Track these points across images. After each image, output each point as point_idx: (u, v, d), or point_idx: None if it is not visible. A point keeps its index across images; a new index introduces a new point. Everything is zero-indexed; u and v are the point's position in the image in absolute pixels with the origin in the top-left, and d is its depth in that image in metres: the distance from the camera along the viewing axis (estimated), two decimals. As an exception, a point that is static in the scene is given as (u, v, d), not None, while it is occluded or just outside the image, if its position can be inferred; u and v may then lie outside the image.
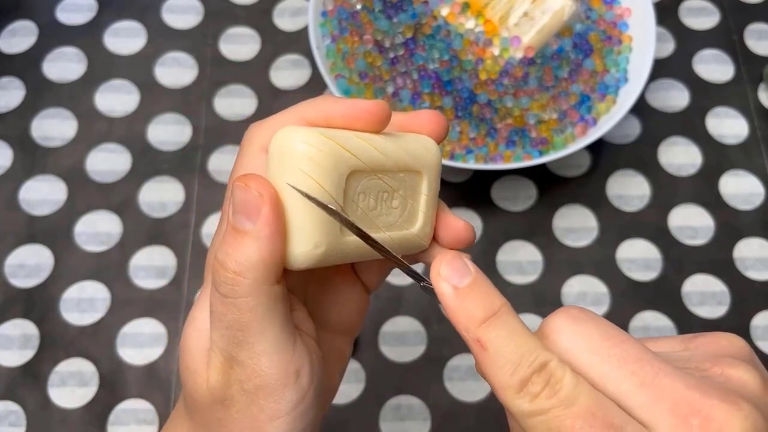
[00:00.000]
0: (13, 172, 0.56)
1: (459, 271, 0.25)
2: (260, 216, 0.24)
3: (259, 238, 0.24)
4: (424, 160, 0.29)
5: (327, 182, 0.25)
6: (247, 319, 0.25)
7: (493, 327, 0.24)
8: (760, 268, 0.54)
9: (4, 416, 0.49)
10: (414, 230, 0.29)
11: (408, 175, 0.28)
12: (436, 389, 0.50)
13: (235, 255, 0.24)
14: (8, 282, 0.52)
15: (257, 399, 0.25)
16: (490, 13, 0.57)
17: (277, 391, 0.25)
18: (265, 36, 0.62)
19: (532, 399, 0.22)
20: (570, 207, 0.56)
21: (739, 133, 0.59)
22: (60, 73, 0.60)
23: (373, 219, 0.27)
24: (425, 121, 0.29)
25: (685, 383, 0.21)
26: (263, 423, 0.25)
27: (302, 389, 0.26)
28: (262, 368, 0.25)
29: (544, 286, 0.53)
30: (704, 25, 0.63)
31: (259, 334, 0.25)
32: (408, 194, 0.28)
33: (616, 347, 0.22)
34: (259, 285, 0.25)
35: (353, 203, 0.26)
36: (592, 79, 0.56)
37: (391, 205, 0.28)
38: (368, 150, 0.26)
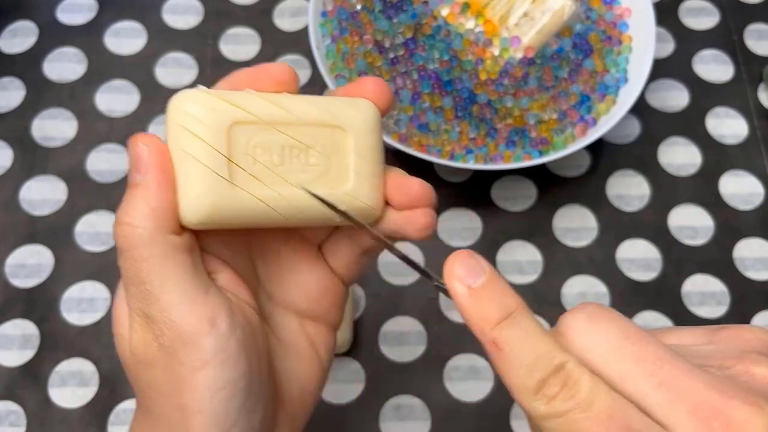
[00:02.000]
0: (13, 172, 0.56)
1: (473, 270, 0.24)
2: (145, 166, 0.25)
3: (147, 188, 0.25)
4: (348, 117, 0.28)
5: (205, 134, 0.26)
6: (146, 270, 0.25)
7: (508, 327, 0.23)
8: (760, 268, 0.54)
9: (4, 416, 0.49)
10: (344, 189, 0.28)
11: (324, 131, 0.28)
12: (436, 389, 0.50)
13: (126, 207, 0.25)
14: (8, 282, 0.52)
15: (176, 353, 0.25)
16: (490, 13, 0.57)
17: (193, 340, 0.25)
18: (265, 36, 0.62)
19: (548, 401, 0.22)
20: (570, 207, 0.56)
21: (739, 133, 0.59)
22: (60, 73, 0.60)
23: (282, 175, 0.27)
24: (366, 87, 0.29)
25: (706, 384, 0.20)
26: (186, 375, 0.25)
27: (221, 336, 0.25)
28: (172, 319, 0.25)
29: (544, 286, 0.53)
30: (704, 25, 0.63)
31: (161, 284, 0.25)
32: (330, 152, 0.28)
33: (634, 346, 0.22)
34: (152, 234, 0.25)
35: (248, 157, 0.26)
36: (592, 79, 0.56)
37: (306, 161, 0.27)
38: (261, 103, 0.27)
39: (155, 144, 0.26)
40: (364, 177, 0.28)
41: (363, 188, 0.28)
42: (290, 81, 0.28)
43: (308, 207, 0.27)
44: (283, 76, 0.28)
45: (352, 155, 0.28)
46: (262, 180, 0.26)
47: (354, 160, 0.28)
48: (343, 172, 0.28)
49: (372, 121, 0.29)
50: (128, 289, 0.26)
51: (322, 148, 0.27)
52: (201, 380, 0.25)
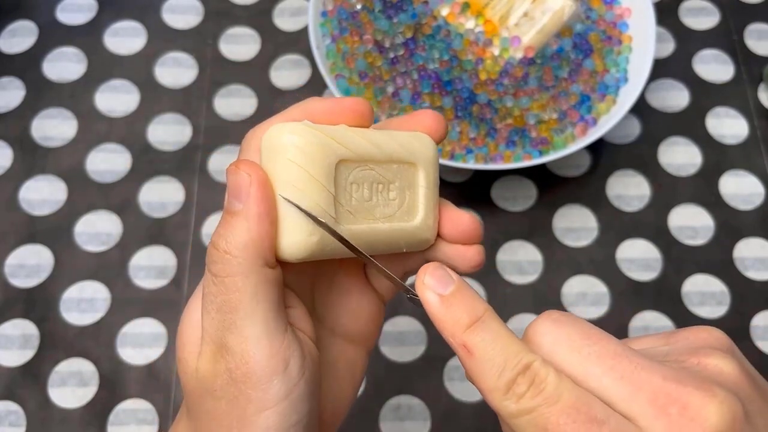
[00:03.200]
0: (13, 172, 0.56)
1: (442, 279, 0.26)
2: (249, 196, 0.25)
3: (248, 218, 0.25)
4: (419, 153, 0.29)
5: (315, 170, 0.26)
6: (236, 300, 0.25)
7: (478, 332, 0.24)
8: (760, 268, 0.54)
9: (4, 416, 0.49)
10: (415, 222, 0.29)
11: (402, 167, 0.29)
12: (436, 389, 0.50)
13: (225, 234, 0.25)
14: (8, 282, 0.52)
15: (245, 388, 0.25)
16: (490, 13, 0.57)
17: (265, 379, 0.25)
18: (265, 36, 0.62)
19: (518, 399, 0.23)
20: (570, 207, 0.56)
21: (739, 133, 0.59)
22: (60, 73, 0.60)
23: (369, 209, 0.28)
24: (423, 120, 0.30)
25: (662, 375, 0.22)
26: (251, 414, 0.25)
27: (291, 380, 0.25)
28: (249, 354, 0.25)
29: (544, 286, 0.53)
30: (704, 25, 0.63)
31: (247, 316, 0.25)
32: (405, 186, 0.29)
33: (595, 345, 0.23)
34: (249, 265, 0.25)
35: (346, 193, 0.27)
36: (592, 79, 0.56)
37: (388, 196, 0.29)
38: (357, 140, 0.27)
39: (258, 174, 0.26)
40: (430, 210, 0.30)
41: (428, 221, 0.30)
42: (369, 116, 0.28)
43: (388, 240, 0.29)
44: (363, 110, 0.28)
45: (421, 189, 0.29)
46: (355, 215, 0.27)
47: (423, 194, 0.29)
48: (414, 206, 0.29)
49: (434, 154, 0.30)
50: (210, 314, 0.26)
51: (400, 183, 0.29)
52: (265, 421, 0.25)
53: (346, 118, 0.28)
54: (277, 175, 0.26)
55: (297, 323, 0.28)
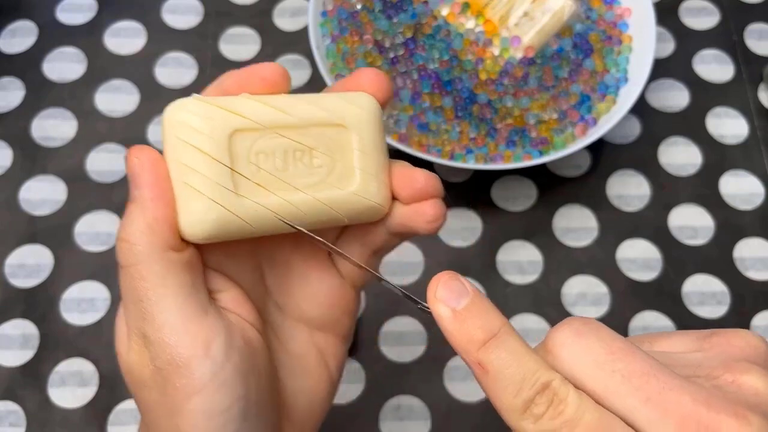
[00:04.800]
0: (13, 172, 0.56)
1: (456, 291, 0.24)
2: (140, 181, 0.25)
3: (143, 203, 0.25)
4: (350, 114, 0.27)
5: (205, 144, 0.25)
6: (143, 288, 0.25)
7: (493, 349, 0.23)
8: (760, 268, 0.54)
9: (4, 416, 0.49)
10: (352, 188, 0.27)
11: (326, 130, 0.27)
12: (436, 389, 0.50)
13: (124, 223, 0.25)
14: (8, 282, 0.52)
15: (170, 376, 0.25)
16: (490, 13, 0.57)
17: (187, 364, 0.25)
18: (265, 36, 0.62)
19: (536, 420, 0.22)
20: (570, 207, 0.56)
21: (739, 133, 0.59)
22: (60, 73, 0.60)
23: (287, 180, 0.26)
24: (363, 79, 0.28)
25: (692, 397, 0.20)
26: (180, 400, 0.25)
27: (216, 363, 0.25)
28: (166, 341, 0.25)
29: (544, 286, 0.53)
30: (704, 25, 0.63)
31: (157, 303, 0.25)
32: (334, 151, 0.27)
33: (620, 361, 0.21)
34: (149, 251, 0.25)
35: (251, 164, 0.25)
36: (592, 79, 0.56)
37: (311, 164, 0.27)
38: (258, 108, 0.26)
39: (148, 156, 0.25)
40: (370, 174, 0.27)
41: (370, 186, 0.27)
42: (282, 81, 0.27)
43: (317, 211, 0.27)
44: (274, 76, 0.27)
45: (356, 152, 0.27)
46: (267, 187, 0.26)
47: (358, 157, 0.27)
48: (349, 171, 0.27)
49: (373, 115, 0.28)
50: (127, 306, 0.26)
51: (326, 148, 0.27)
52: (195, 405, 0.25)
53: (258, 86, 0.27)
54: (168, 153, 0.25)
55: (230, 306, 0.27)
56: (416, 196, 0.28)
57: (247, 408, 0.26)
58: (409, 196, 0.28)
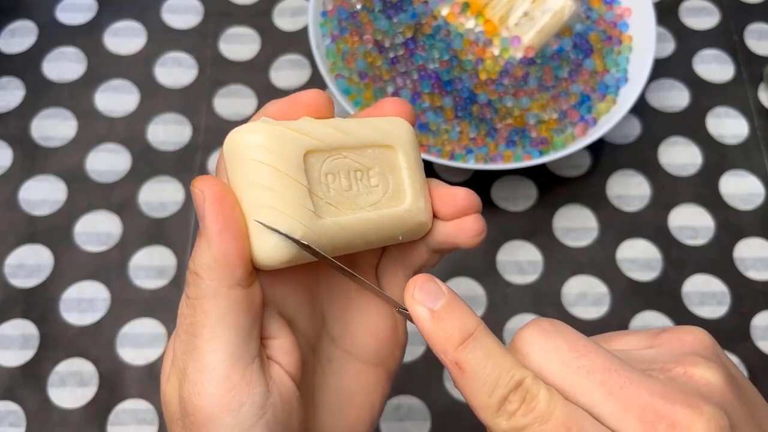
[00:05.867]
0: (13, 172, 0.56)
1: (432, 293, 0.25)
2: (204, 214, 0.24)
3: (209, 237, 0.24)
4: (394, 135, 0.28)
5: (283, 164, 0.25)
6: (201, 323, 0.24)
7: (470, 348, 0.24)
8: (760, 268, 0.54)
9: (4, 416, 0.49)
10: (405, 206, 0.28)
11: (379, 151, 0.28)
12: (436, 389, 0.50)
13: (194, 255, 0.25)
14: (8, 282, 0.52)
15: (196, 422, 0.24)
16: (490, 13, 0.57)
17: (213, 416, 0.24)
18: (265, 36, 0.62)
19: (509, 417, 0.22)
20: (570, 207, 0.56)
21: (739, 133, 0.59)
22: (60, 73, 0.60)
23: (352, 199, 0.27)
24: (389, 107, 0.29)
25: (650, 390, 0.22)
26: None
27: (245, 421, 0.24)
28: (202, 384, 0.24)
29: (544, 286, 0.53)
30: (704, 25, 0.63)
31: (210, 341, 0.24)
32: (386, 171, 0.28)
33: (584, 358, 0.23)
34: (216, 286, 0.24)
35: (322, 185, 0.26)
36: (592, 79, 0.56)
37: (369, 183, 0.28)
38: (322, 129, 0.26)
39: (211, 188, 0.24)
40: (418, 192, 0.29)
41: (419, 203, 0.29)
42: (325, 106, 0.27)
43: (380, 229, 0.27)
44: (317, 102, 0.27)
45: (404, 171, 0.28)
46: (337, 207, 0.26)
47: (407, 176, 0.28)
48: (400, 190, 0.28)
49: (411, 135, 0.29)
50: (179, 336, 0.25)
51: (380, 168, 0.28)
52: None
53: (302, 113, 0.27)
54: (244, 178, 0.25)
55: (276, 356, 0.26)
56: (458, 214, 0.29)
57: None
58: (449, 214, 0.29)
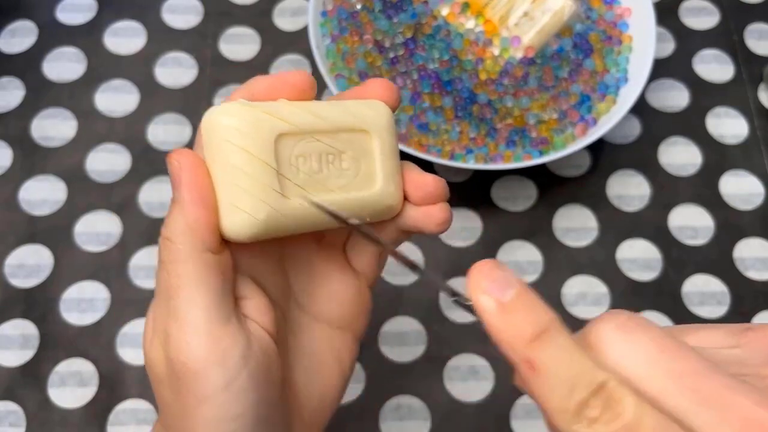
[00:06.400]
0: (13, 172, 0.56)
1: (501, 282, 0.22)
2: (180, 183, 0.26)
3: (183, 204, 0.25)
4: (371, 120, 0.29)
5: (254, 147, 0.26)
6: (177, 285, 0.25)
7: (543, 346, 0.21)
8: (760, 268, 0.54)
9: (4, 416, 0.49)
10: (375, 190, 0.29)
11: (353, 135, 0.29)
12: (436, 389, 0.50)
13: (166, 222, 0.26)
14: (8, 282, 0.52)
15: (184, 379, 0.25)
16: (490, 13, 0.57)
17: (201, 370, 0.25)
18: (265, 36, 0.62)
19: (590, 424, 0.20)
20: (570, 207, 0.56)
21: (739, 133, 0.59)
22: (60, 73, 0.60)
23: (321, 181, 0.28)
24: (374, 89, 0.30)
25: (752, 399, 0.19)
26: (192, 404, 0.25)
27: (230, 371, 0.25)
28: (185, 341, 0.25)
29: (544, 286, 0.53)
30: (704, 25, 0.63)
31: (187, 302, 0.25)
32: (359, 155, 0.29)
33: (674, 361, 0.20)
34: (188, 250, 0.25)
35: (293, 167, 0.27)
36: (592, 79, 0.56)
37: (341, 166, 0.28)
38: (297, 113, 0.27)
39: (187, 159, 0.26)
40: (389, 176, 0.29)
41: (390, 187, 0.29)
42: (309, 88, 0.28)
43: (350, 210, 0.28)
44: (302, 84, 0.28)
45: (377, 156, 0.29)
46: (306, 188, 0.27)
47: (380, 160, 0.29)
48: (371, 174, 0.29)
49: (388, 120, 0.30)
50: (158, 302, 0.26)
51: (353, 151, 0.29)
52: (206, 412, 0.25)
53: (287, 93, 0.28)
54: (217, 157, 0.26)
55: (252, 314, 0.28)
56: (426, 199, 0.30)
57: (258, 416, 0.26)
58: (420, 198, 0.30)
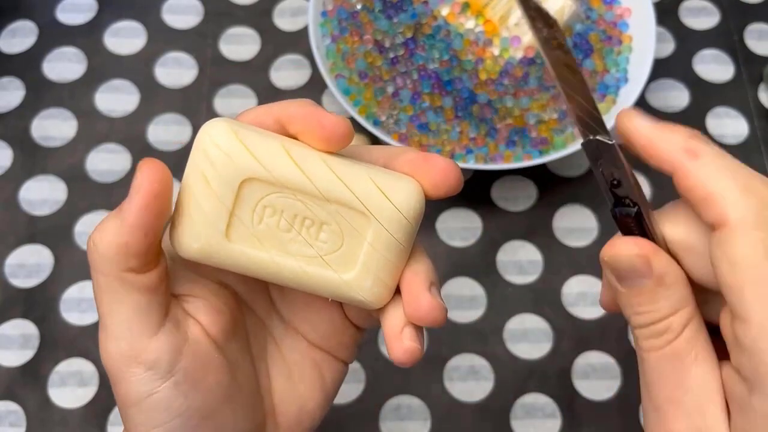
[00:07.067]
0: (13, 172, 0.56)
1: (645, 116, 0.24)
2: (131, 201, 0.24)
3: (123, 219, 0.24)
4: (379, 206, 0.25)
5: (214, 179, 0.24)
6: (98, 294, 0.25)
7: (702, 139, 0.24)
8: (760, 268, 0.54)
9: (4, 416, 0.49)
10: (346, 277, 0.26)
11: (346, 211, 0.25)
12: (436, 389, 0.50)
13: (101, 224, 0.25)
14: (8, 282, 0.52)
15: (113, 381, 0.26)
16: (490, 13, 0.57)
17: (124, 378, 0.25)
18: (265, 36, 0.62)
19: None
20: (570, 207, 0.56)
21: (739, 133, 0.59)
22: (60, 73, 0.60)
23: (282, 241, 0.25)
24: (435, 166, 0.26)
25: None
26: (121, 406, 0.26)
27: (151, 380, 0.25)
28: (108, 351, 0.25)
29: (544, 286, 0.53)
30: (704, 25, 0.63)
31: (109, 313, 0.25)
32: (346, 232, 0.26)
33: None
34: (110, 266, 0.24)
35: (255, 214, 0.25)
36: (592, 79, 0.56)
37: (316, 236, 0.26)
38: (287, 166, 0.25)
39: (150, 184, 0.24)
40: (370, 271, 0.26)
41: (364, 282, 0.26)
42: (340, 139, 0.25)
43: (298, 282, 0.26)
44: (334, 133, 0.25)
45: (365, 245, 0.26)
46: (261, 241, 0.25)
47: (366, 251, 0.26)
48: (351, 259, 0.26)
49: (405, 216, 0.26)
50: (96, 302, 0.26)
51: (338, 227, 0.26)
52: (134, 415, 0.26)
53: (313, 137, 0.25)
54: (187, 167, 0.25)
55: (197, 314, 0.27)
56: (414, 319, 0.26)
57: (190, 422, 0.26)
58: (409, 315, 0.26)
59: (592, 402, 0.50)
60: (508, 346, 0.51)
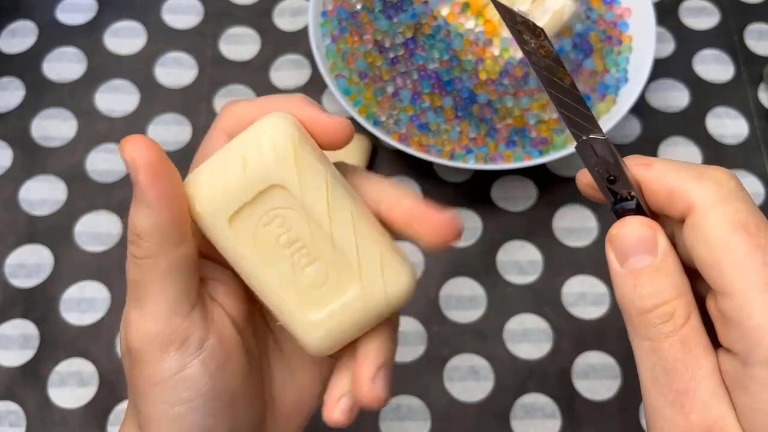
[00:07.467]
0: (13, 172, 0.56)
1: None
2: (137, 183, 0.25)
3: (147, 204, 0.25)
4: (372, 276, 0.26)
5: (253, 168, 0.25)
6: (147, 279, 0.26)
7: None
8: (760, 268, 0.54)
9: (4, 416, 0.49)
10: (309, 319, 0.26)
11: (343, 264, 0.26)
12: (436, 389, 0.50)
13: (135, 217, 0.25)
14: (8, 282, 0.52)
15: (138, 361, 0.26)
16: (490, 13, 0.57)
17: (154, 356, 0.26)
18: (265, 36, 0.62)
19: None
20: (570, 207, 0.56)
21: (739, 133, 0.59)
22: (60, 73, 0.60)
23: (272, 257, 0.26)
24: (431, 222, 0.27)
25: None
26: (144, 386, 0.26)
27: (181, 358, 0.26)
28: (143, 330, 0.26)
29: (544, 286, 0.53)
30: (704, 25, 0.63)
31: (157, 294, 0.26)
32: (330, 281, 0.26)
33: None
34: (158, 249, 0.25)
35: (265, 215, 0.25)
36: (592, 79, 0.56)
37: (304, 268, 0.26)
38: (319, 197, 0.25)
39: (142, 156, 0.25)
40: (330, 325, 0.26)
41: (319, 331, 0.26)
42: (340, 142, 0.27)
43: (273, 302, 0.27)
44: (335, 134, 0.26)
45: (340, 301, 0.26)
46: (255, 242, 0.26)
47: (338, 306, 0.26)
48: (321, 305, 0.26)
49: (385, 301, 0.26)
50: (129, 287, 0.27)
51: (327, 269, 0.26)
52: (156, 395, 0.26)
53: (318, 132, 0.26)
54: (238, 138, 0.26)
55: (220, 299, 0.28)
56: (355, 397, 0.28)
57: (211, 403, 0.27)
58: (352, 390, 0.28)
59: (592, 402, 0.50)
60: (508, 346, 0.51)
